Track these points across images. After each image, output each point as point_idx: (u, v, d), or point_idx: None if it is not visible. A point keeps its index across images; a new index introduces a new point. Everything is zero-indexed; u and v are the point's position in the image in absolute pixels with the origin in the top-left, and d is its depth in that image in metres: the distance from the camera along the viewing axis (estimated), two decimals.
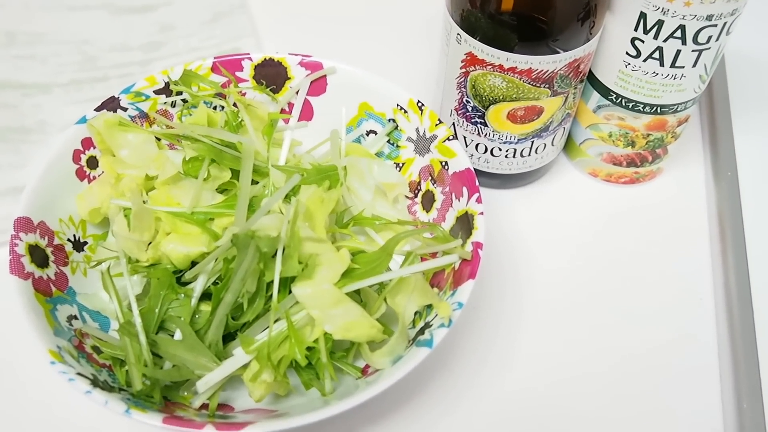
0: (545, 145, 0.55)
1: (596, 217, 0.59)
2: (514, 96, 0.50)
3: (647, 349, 0.51)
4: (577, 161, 0.60)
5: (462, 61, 0.50)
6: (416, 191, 0.53)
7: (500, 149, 0.55)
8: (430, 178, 0.52)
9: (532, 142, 0.54)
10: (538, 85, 0.49)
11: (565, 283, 0.54)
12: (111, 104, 0.51)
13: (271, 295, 0.43)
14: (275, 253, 0.42)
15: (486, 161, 0.56)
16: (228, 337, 0.44)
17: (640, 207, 0.59)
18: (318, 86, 0.55)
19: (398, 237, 0.44)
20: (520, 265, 0.55)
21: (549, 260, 0.55)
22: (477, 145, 0.55)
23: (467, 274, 0.44)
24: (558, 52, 0.48)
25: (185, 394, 0.44)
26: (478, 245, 0.45)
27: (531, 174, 0.58)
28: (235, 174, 0.48)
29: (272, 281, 0.42)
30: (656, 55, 0.49)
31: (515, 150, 0.55)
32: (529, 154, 0.55)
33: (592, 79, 0.54)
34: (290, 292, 0.43)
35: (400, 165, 0.54)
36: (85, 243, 0.49)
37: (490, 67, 0.49)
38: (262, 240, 0.40)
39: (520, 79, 0.49)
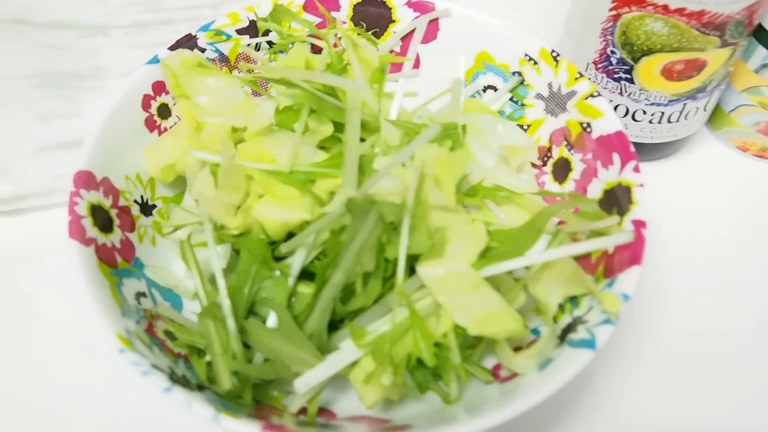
0: (697, 109, 0.46)
1: (745, 199, 0.49)
2: (676, 46, 0.41)
3: None
4: (723, 132, 0.51)
5: (613, 1, 0.41)
6: (545, 158, 0.44)
7: (645, 112, 0.46)
8: (565, 142, 0.43)
9: (684, 104, 0.45)
10: (707, 32, 0.40)
11: (708, 275, 0.46)
12: (187, 43, 0.43)
13: (389, 276, 0.34)
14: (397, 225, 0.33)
15: (624, 126, 0.47)
16: (330, 326, 0.36)
17: None
18: (427, 32, 0.46)
19: (551, 210, 0.35)
20: (659, 251, 0.46)
21: (690, 246, 0.47)
22: (617, 107, 0.46)
23: (628, 260, 0.35)
24: None
25: (275, 393, 0.36)
26: (640, 224, 0.36)
27: (670, 146, 0.49)
28: (338, 128, 0.39)
29: (391, 259, 0.34)
30: None
31: (662, 114, 0.46)
32: (677, 120, 0.46)
33: (758, 33, 0.45)
34: (411, 273, 0.34)
35: (525, 127, 0.45)
36: (154, 206, 0.41)
37: (651, 7, 0.40)
38: (387, 207, 0.32)
39: (688, 23, 0.40)
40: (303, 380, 0.34)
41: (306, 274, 0.36)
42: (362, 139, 0.39)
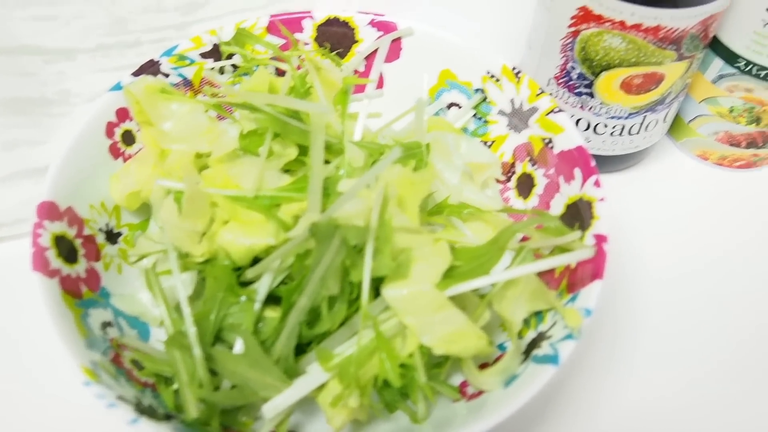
0: (657, 121, 0.47)
1: (706, 205, 0.50)
2: (634, 60, 0.42)
3: None
4: (684, 142, 0.52)
5: (572, 18, 0.42)
6: (509, 174, 0.45)
7: (606, 126, 0.46)
8: (528, 158, 0.43)
9: (644, 117, 0.46)
10: (663, 46, 0.41)
11: (676, 280, 0.46)
12: (150, 68, 0.43)
13: (355, 299, 0.34)
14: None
15: (587, 140, 0.48)
16: (297, 350, 0.36)
17: (757, 194, 0.51)
18: (391, 51, 0.47)
19: (514, 228, 0.36)
20: (625, 261, 0.47)
21: (655, 255, 0.47)
22: (578, 121, 0.47)
23: (590, 274, 0.36)
24: (693, 6, 0.39)
25: (244, 419, 0.36)
26: (601, 239, 0.37)
27: (632, 157, 0.50)
28: (303, 151, 0.40)
29: (356, 282, 0.34)
30: None
31: (623, 127, 0.46)
32: (638, 132, 0.47)
33: (714, 45, 0.46)
34: (377, 295, 0.35)
35: (489, 143, 0.46)
36: (119, 234, 0.41)
37: (608, 24, 0.41)
38: (351, 230, 0.32)
39: (645, 39, 0.41)
40: (271, 405, 0.34)
41: (273, 299, 0.37)
42: (327, 162, 0.40)
